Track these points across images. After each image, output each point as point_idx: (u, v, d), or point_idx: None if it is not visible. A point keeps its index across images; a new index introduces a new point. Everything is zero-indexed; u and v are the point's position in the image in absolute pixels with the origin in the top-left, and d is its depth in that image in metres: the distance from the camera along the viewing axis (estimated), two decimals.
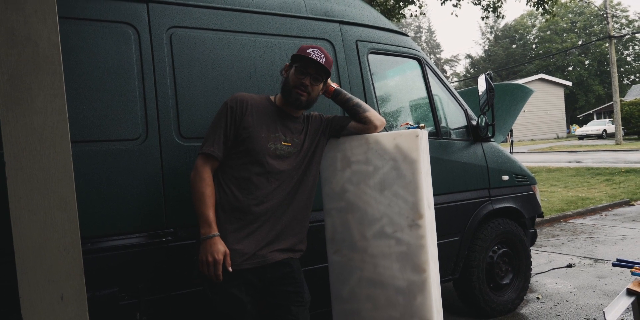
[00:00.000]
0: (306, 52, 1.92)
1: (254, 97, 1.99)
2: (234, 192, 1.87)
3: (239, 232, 1.85)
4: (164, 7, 2.19)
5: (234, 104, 1.91)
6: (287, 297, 1.92)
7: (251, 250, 1.84)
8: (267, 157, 1.89)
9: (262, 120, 1.93)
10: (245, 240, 1.85)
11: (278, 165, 1.91)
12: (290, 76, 1.95)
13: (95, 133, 1.97)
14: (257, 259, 1.86)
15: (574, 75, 43.16)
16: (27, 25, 1.23)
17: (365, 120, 2.12)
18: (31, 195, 1.16)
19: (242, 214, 1.86)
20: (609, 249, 5.31)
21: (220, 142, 1.87)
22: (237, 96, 1.95)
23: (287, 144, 1.96)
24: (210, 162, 1.87)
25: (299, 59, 1.93)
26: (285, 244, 1.94)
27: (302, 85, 1.92)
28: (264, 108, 1.97)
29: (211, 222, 1.80)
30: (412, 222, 2.01)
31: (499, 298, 3.49)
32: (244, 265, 1.83)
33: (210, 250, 1.76)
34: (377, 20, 3.00)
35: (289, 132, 1.99)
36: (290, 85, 1.94)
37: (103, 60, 2.01)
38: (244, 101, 1.93)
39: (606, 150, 19.89)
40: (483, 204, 3.35)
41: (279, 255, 1.92)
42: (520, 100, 4.50)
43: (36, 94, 1.21)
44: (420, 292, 2.00)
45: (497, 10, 11.53)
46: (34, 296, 1.12)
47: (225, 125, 1.88)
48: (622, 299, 2.05)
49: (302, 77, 1.92)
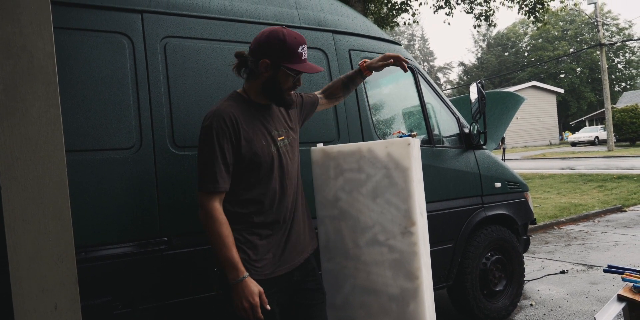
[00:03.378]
0: (298, 53, 1.74)
1: (230, 104, 1.76)
2: (256, 211, 1.78)
3: (268, 241, 1.80)
4: (158, 17, 2.21)
5: (222, 125, 1.69)
6: (311, 296, 1.93)
7: (280, 258, 1.82)
8: (276, 163, 1.80)
9: (255, 127, 1.77)
10: (275, 248, 1.81)
11: (286, 165, 1.84)
12: (280, 78, 1.76)
13: (90, 142, 1.98)
14: (286, 264, 1.84)
15: (566, 82, 43.60)
16: (22, 36, 1.24)
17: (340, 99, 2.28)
18: (25, 205, 1.17)
19: (269, 227, 1.81)
20: (601, 255, 5.34)
21: (223, 172, 1.69)
22: (218, 113, 1.71)
23: (281, 137, 1.85)
24: (216, 196, 1.70)
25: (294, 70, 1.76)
26: (306, 242, 1.95)
27: (295, 87, 1.83)
28: (247, 112, 1.78)
29: (236, 263, 1.66)
30: (405, 230, 2.03)
31: (492, 305, 3.50)
32: (277, 272, 1.80)
33: (244, 294, 1.65)
34: (369, 30, 3.04)
35: (277, 123, 1.87)
36: (282, 88, 1.78)
37: (97, 70, 2.03)
38: (229, 116, 1.71)
39: (598, 157, 20.05)
40: (476, 211, 3.38)
41: (304, 255, 1.92)
42: (512, 108, 4.55)
43: (31, 104, 1.22)
44: (413, 299, 2.01)
45: (489, 18, 11.69)
46: (28, 305, 1.12)
47: (222, 152, 1.69)
48: (613, 304, 2.06)
49: (294, 79, 1.80)
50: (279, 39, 1.72)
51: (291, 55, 1.73)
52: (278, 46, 1.72)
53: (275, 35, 1.73)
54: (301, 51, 1.75)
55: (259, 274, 1.75)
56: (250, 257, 1.75)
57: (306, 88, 2.61)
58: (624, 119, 25.49)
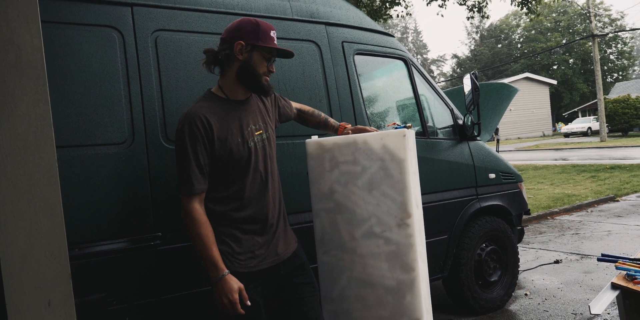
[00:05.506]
0: (271, 36, 1.76)
1: (202, 106, 1.76)
2: (236, 207, 1.80)
3: (251, 236, 1.82)
4: (149, 10, 2.18)
5: (193, 128, 1.69)
6: (301, 290, 1.93)
7: (265, 251, 1.84)
8: (252, 159, 1.80)
9: (229, 124, 1.77)
10: (258, 242, 1.83)
11: (264, 160, 1.85)
12: (255, 62, 1.76)
13: (81, 138, 1.96)
14: (271, 258, 1.85)
15: (559, 73, 43.76)
16: (9, 30, 1.22)
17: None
18: (16, 201, 1.15)
19: (251, 222, 1.82)
20: (595, 245, 5.39)
21: (197, 174, 1.71)
22: (189, 116, 1.71)
23: (259, 131, 1.85)
24: (195, 198, 1.73)
25: (267, 49, 1.77)
26: (289, 236, 1.96)
27: (270, 72, 1.82)
28: (221, 110, 1.78)
29: (216, 262, 1.70)
30: (401, 222, 2.03)
31: (487, 295, 3.52)
32: (261, 265, 1.82)
33: (224, 291, 1.69)
34: (362, 22, 3.02)
35: (255, 117, 1.87)
36: (258, 73, 1.78)
37: (88, 64, 2.00)
38: (199, 118, 1.70)
39: (591, 148, 20.19)
40: (470, 202, 3.39)
41: (289, 249, 1.93)
42: (506, 99, 4.55)
43: (20, 99, 1.20)
44: (409, 291, 2.02)
45: (482, 10, 11.66)
46: (21, 302, 1.11)
47: (195, 155, 1.70)
48: (607, 293, 2.08)
49: (268, 64, 1.80)
50: (251, 22, 1.78)
51: (264, 37, 1.76)
52: (251, 28, 1.76)
53: (247, 20, 1.79)
54: (273, 36, 1.79)
55: (242, 267, 1.78)
56: (234, 250, 1.79)
57: (299, 80, 2.59)
58: (616, 109, 25.63)
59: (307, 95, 2.59)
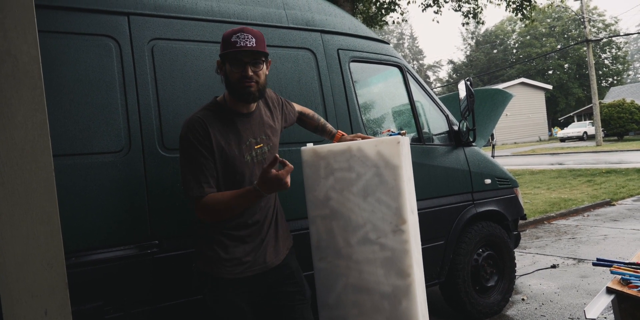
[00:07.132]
0: (231, 41, 1.73)
1: (205, 114, 1.79)
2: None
3: (240, 242, 1.83)
4: (145, 20, 2.20)
5: (195, 134, 1.74)
6: (291, 297, 1.94)
7: (252, 258, 1.84)
8: (247, 172, 1.83)
9: (228, 136, 1.80)
10: (245, 249, 1.83)
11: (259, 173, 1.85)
12: (228, 73, 1.78)
13: (78, 146, 1.97)
14: (258, 266, 1.85)
15: (554, 78, 44.02)
16: (6, 40, 1.23)
17: None
18: (13, 210, 1.16)
19: (238, 229, 1.83)
20: (591, 249, 5.40)
21: (207, 176, 1.74)
22: (190, 122, 1.76)
23: (259, 145, 1.87)
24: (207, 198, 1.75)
25: (228, 54, 1.75)
26: (281, 244, 1.96)
27: (245, 77, 1.75)
28: (222, 120, 1.81)
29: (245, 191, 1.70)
30: (396, 228, 2.04)
31: (484, 300, 3.53)
32: (247, 273, 1.82)
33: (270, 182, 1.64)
34: (357, 29, 3.05)
35: (257, 130, 1.88)
36: (233, 82, 1.77)
37: (84, 73, 2.01)
38: (200, 124, 1.75)
39: (587, 152, 20.27)
40: (466, 207, 3.40)
41: (278, 257, 1.93)
42: (501, 105, 4.59)
43: (17, 109, 1.21)
44: (405, 297, 2.02)
45: (477, 16, 11.76)
46: (17, 311, 1.11)
47: (202, 159, 1.74)
48: (602, 297, 2.09)
49: (241, 69, 1.75)
50: (222, 37, 1.79)
51: (225, 44, 1.76)
52: (220, 43, 1.80)
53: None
54: (235, 39, 1.73)
55: (229, 273, 1.79)
56: (221, 255, 1.80)
57: (295, 87, 2.61)
58: (612, 114, 25.77)
59: (303, 103, 2.61)
